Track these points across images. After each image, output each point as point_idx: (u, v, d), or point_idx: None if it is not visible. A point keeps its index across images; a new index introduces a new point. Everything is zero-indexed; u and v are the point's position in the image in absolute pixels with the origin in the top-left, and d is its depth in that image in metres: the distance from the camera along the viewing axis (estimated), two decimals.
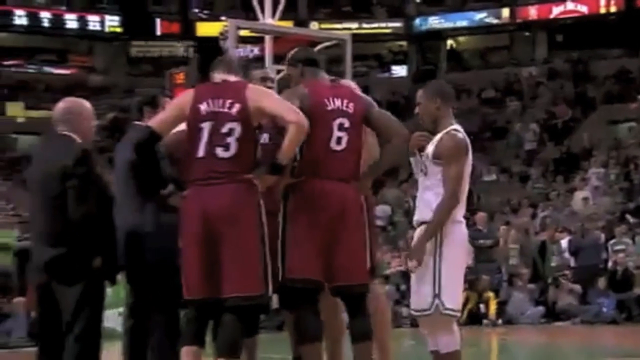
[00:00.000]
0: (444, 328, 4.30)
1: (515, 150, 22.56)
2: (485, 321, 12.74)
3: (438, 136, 4.33)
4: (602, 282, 12.98)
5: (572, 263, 13.78)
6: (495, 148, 22.88)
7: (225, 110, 3.99)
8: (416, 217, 4.40)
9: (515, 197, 18.90)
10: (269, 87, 4.50)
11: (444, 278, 4.23)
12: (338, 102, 4.24)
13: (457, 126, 4.41)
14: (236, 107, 3.99)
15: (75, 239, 4.13)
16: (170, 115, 4.11)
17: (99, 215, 4.15)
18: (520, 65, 27.11)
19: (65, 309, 4.17)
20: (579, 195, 17.26)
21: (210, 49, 17.61)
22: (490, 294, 12.95)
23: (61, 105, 4.42)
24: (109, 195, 4.29)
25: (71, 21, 27.64)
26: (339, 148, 4.19)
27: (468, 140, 4.39)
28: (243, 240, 3.93)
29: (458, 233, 4.31)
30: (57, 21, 27.43)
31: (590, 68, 25.32)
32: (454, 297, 4.29)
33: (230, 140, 3.96)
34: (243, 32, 10.25)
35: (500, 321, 12.79)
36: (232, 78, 4.13)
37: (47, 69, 27.72)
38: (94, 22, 27.81)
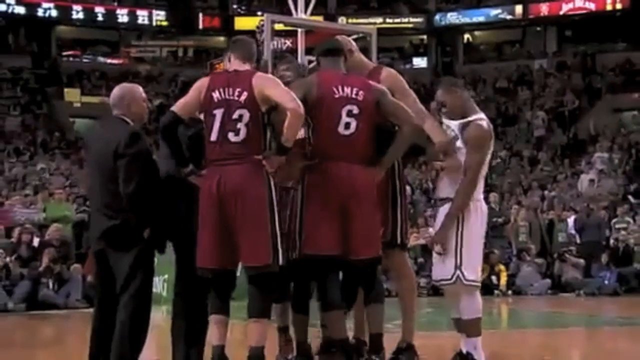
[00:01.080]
0: (467, 297, 4.31)
1: (526, 136, 22.35)
2: (496, 292, 12.68)
3: (466, 120, 4.33)
4: (604, 258, 12.89)
5: (578, 240, 13.69)
6: (507, 134, 22.68)
7: (235, 98, 4.03)
8: (439, 194, 4.43)
9: (525, 179, 18.74)
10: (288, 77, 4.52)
11: (465, 251, 4.24)
12: (347, 90, 4.21)
13: (482, 114, 4.41)
14: (244, 95, 4.03)
15: (127, 212, 4.16)
16: (190, 100, 4.13)
17: (147, 190, 4.17)
18: (531, 57, 26.81)
19: (119, 274, 4.22)
20: (584, 177, 17.11)
21: None
22: (502, 267, 12.89)
23: (116, 91, 4.45)
24: (156, 173, 4.30)
25: (122, 15, 27.76)
26: (347, 132, 4.18)
27: (492, 129, 4.41)
28: (253, 214, 3.98)
29: (478, 210, 4.32)
30: (110, 15, 27.56)
31: (597, 60, 24.97)
32: (474, 268, 4.31)
33: (240, 125, 4.01)
34: (277, 26, 10.25)
35: (510, 292, 12.73)
36: (245, 67, 4.14)
37: (101, 58, 27.90)
38: (142, 16, 27.90)
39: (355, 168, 4.18)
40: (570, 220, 14.03)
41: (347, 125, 4.18)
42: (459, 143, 4.32)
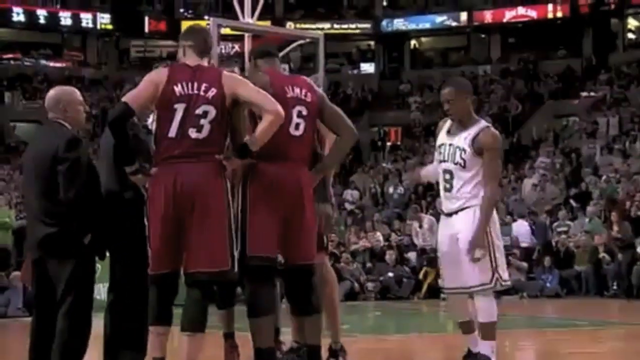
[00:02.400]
0: (487, 299, 4.40)
1: None
2: (442, 295, 12.82)
3: (473, 131, 4.38)
4: (547, 261, 13.15)
5: (526, 243, 13.95)
6: None
7: (201, 93, 3.84)
8: (454, 205, 4.41)
9: None
10: None
11: (498, 253, 4.36)
12: (297, 90, 4.15)
13: (485, 121, 4.49)
14: (212, 92, 3.85)
15: (66, 218, 4.06)
16: (144, 92, 3.89)
17: (87, 196, 4.08)
18: (476, 64, 27.25)
19: (59, 282, 4.12)
20: (527, 182, 17.43)
21: None
22: None
23: (51, 93, 4.32)
24: (97, 178, 4.21)
25: (65, 18, 27.25)
26: (297, 133, 4.10)
27: None
28: (211, 218, 3.81)
29: (495, 217, 4.48)
30: (53, 18, 27.02)
31: (539, 67, 25.53)
32: (505, 269, 4.42)
33: (204, 122, 3.83)
34: (224, 31, 10.16)
35: None
36: (205, 62, 3.98)
37: (44, 62, 27.32)
38: (86, 19, 27.44)
39: (302, 170, 4.12)
40: (516, 224, 14.28)
41: (297, 126, 4.10)
42: (469, 157, 4.35)
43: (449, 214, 4.43)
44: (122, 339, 4.28)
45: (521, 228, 14.22)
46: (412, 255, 14.02)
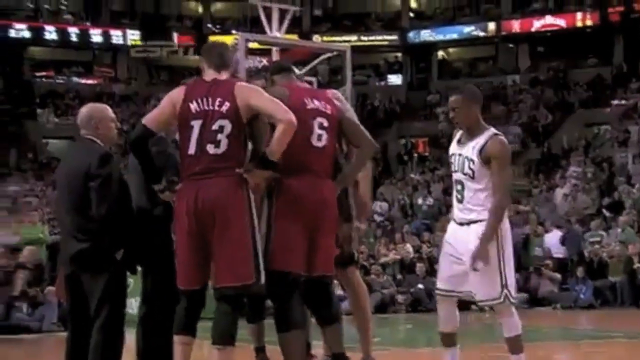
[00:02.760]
0: (510, 314, 4.29)
1: None
2: (473, 306, 12.71)
3: (481, 140, 4.27)
4: (580, 271, 12.99)
5: (559, 254, 13.78)
6: None
7: (216, 108, 3.85)
8: (466, 216, 4.29)
9: None
10: None
11: (507, 269, 4.24)
12: (317, 102, 4.15)
13: (494, 129, 4.38)
14: (226, 106, 3.85)
15: (99, 234, 4.11)
16: (162, 112, 3.95)
17: (119, 212, 4.13)
18: (504, 74, 27.09)
19: (92, 297, 4.17)
20: (559, 192, 17.26)
21: None
22: None
23: (83, 110, 4.38)
24: (128, 194, 4.26)
25: (96, 35, 27.66)
26: (319, 145, 4.10)
27: None
28: (233, 232, 3.81)
29: (508, 227, 4.35)
30: (84, 35, 27.45)
31: (569, 76, 25.31)
32: (514, 286, 4.30)
33: (221, 137, 3.82)
34: (252, 45, 10.24)
35: (486, 307, 12.74)
36: (223, 76, 3.98)
37: (75, 79, 27.74)
38: (116, 36, 27.82)
39: (325, 182, 4.11)
40: (548, 235, 14.13)
41: (319, 137, 4.09)
42: (477, 167, 4.23)
43: (461, 224, 4.34)
44: (153, 352, 4.30)
45: (553, 239, 14.07)
46: None
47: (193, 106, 3.86)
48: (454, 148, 4.40)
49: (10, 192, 18.08)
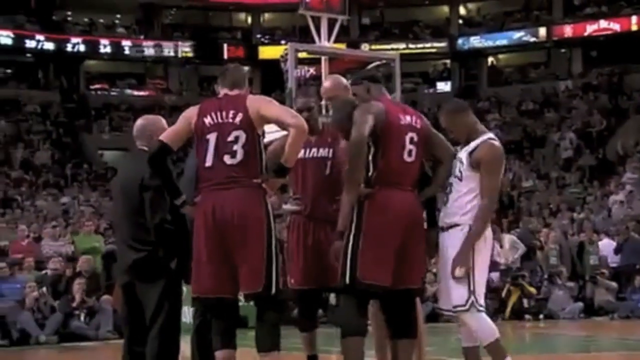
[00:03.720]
0: (478, 322, 4.15)
1: (554, 158, 22.17)
2: (527, 316, 12.52)
3: (474, 143, 4.18)
4: (638, 280, 12.67)
5: (615, 263, 13.49)
6: (534, 156, 22.53)
7: (229, 120, 3.93)
8: (447, 220, 4.22)
9: (553, 201, 18.55)
10: (309, 117, 4.36)
11: (477, 276, 4.11)
12: (409, 118, 4.20)
13: (491, 134, 4.26)
14: (239, 117, 3.92)
15: (153, 244, 4.17)
16: (178, 128, 4.05)
17: (173, 221, 4.17)
18: (557, 79, 26.67)
19: (148, 306, 4.23)
20: (614, 199, 16.88)
21: (272, 70, 17.70)
22: (532, 290, 12.75)
23: (139, 122, 4.48)
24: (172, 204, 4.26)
25: (148, 48, 28.18)
26: (409, 160, 4.15)
27: (502, 149, 4.26)
28: (251, 240, 3.85)
29: (487, 235, 4.20)
30: (137, 48, 27.99)
31: (623, 81, 24.78)
32: (482, 294, 4.16)
33: (237, 147, 3.89)
34: (301, 55, 10.31)
35: (541, 316, 12.55)
36: (234, 92, 4.06)
37: (128, 91, 28.29)
38: (168, 48, 28.30)
39: (413, 195, 4.18)
40: (602, 243, 13.85)
41: (410, 153, 4.15)
42: (466, 170, 4.14)
43: (442, 228, 4.24)
44: None
45: (608, 247, 13.77)
46: (493, 276, 13.74)
47: (207, 120, 3.96)
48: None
49: (66, 202, 18.49)
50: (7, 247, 12.66)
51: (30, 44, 26.21)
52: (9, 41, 25.69)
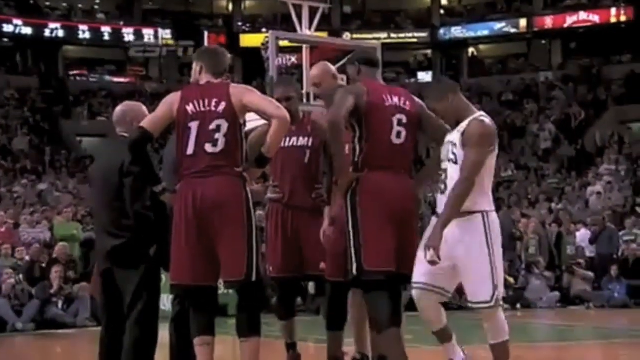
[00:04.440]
0: (499, 318, 4.01)
1: (532, 149, 22.31)
2: (505, 305, 12.61)
3: (465, 123, 3.96)
4: (614, 270, 12.81)
5: (588, 253, 13.63)
6: (513, 146, 22.66)
7: (212, 109, 3.91)
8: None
9: (532, 191, 18.68)
10: (288, 106, 4.32)
11: (497, 268, 3.90)
12: (395, 99, 4.15)
13: (482, 113, 4.04)
14: (222, 105, 3.91)
15: (133, 230, 4.15)
16: (160, 115, 4.03)
17: (153, 208, 4.16)
18: (537, 70, 26.81)
19: (127, 293, 4.21)
20: (592, 189, 17.04)
21: (253, 58, 17.62)
22: (510, 280, 12.85)
23: (119, 108, 4.45)
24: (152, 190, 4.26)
25: (129, 34, 27.91)
26: (398, 142, 4.10)
27: (495, 128, 4.01)
28: (231, 228, 3.85)
29: (496, 222, 3.97)
30: (116, 34, 27.72)
31: (602, 72, 24.97)
32: (503, 285, 3.99)
33: (218, 136, 3.88)
34: (282, 43, 10.26)
35: (519, 305, 12.66)
36: (217, 80, 4.04)
37: (108, 77, 28.03)
38: (148, 34, 28.05)
39: (407, 179, 4.13)
40: (580, 233, 13.98)
41: (399, 134, 4.10)
42: (459, 151, 3.90)
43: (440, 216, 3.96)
44: (185, 350, 4.33)
45: (586, 237, 13.90)
46: None
47: (190, 108, 3.94)
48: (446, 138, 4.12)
49: (44, 189, 18.32)
50: None
51: (7, 28, 25.85)
52: None
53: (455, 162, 3.90)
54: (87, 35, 27.23)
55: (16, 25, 25.93)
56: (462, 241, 3.88)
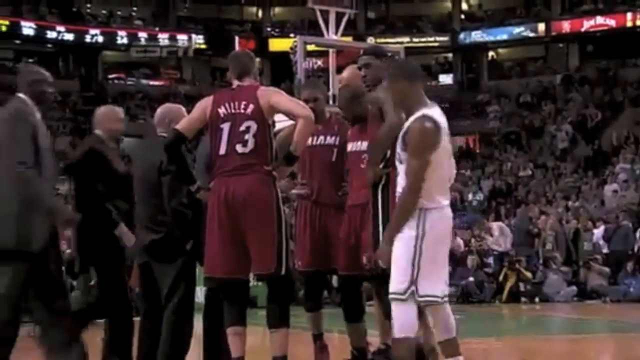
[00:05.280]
0: (404, 310, 3.53)
1: (550, 149, 22.11)
2: (523, 299, 12.53)
3: (410, 120, 3.58)
4: (630, 266, 12.66)
5: (605, 249, 13.49)
6: (532, 146, 22.46)
7: (241, 110, 3.96)
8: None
9: (550, 190, 18.50)
10: (315, 107, 4.36)
11: (422, 262, 3.49)
12: None
13: (428, 110, 3.56)
14: (251, 107, 3.96)
15: (170, 226, 4.19)
16: (193, 118, 4.09)
17: (189, 205, 4.19)
18: (554, 73, 26.54)
19: (163, 285, 4.25)
20: (608, 188, 16.84)
21: (281, 62, 17.66)
22: (528, 274, 12.77)
23: (159, 110, 4.53)
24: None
25: (163, 39, 28.12)
26: None
27: (440, 124, 3.54)
28: (261, 224, 3.88)
29: (441, 220, 3.56)
30: (152, 40, 27.94)
31: (618, 75, 24.65)
32: (428, 284, 3.51)
33: (248, 136, 3.93)
34: (310, 47, 10.29)
35: (537, 299, 12.56)
36: (246, 82, 4.08)
37: (144, 81, 28.26)
38: (182, 40, 28.23)
39: None
40: (598, 230, 13.84)
41: None
42: (402, 153, 3.57)
43: None
44: (218, 339, 4.36)
45: (602, 234, 13.74)
46: (490, 260, 13.77)
47: (222, 110, 3.99)
48: None
49: None
50: None
51: (51, 34, 26.20)
52: (31, 32, 25.72)
53: (401, 162, 3.60)
54: (125, 40, 27.49)
55: (59, 32, 26.27)
56: (397, 237, 3.58)
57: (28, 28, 25.61)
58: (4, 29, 25.28)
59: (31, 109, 3.93)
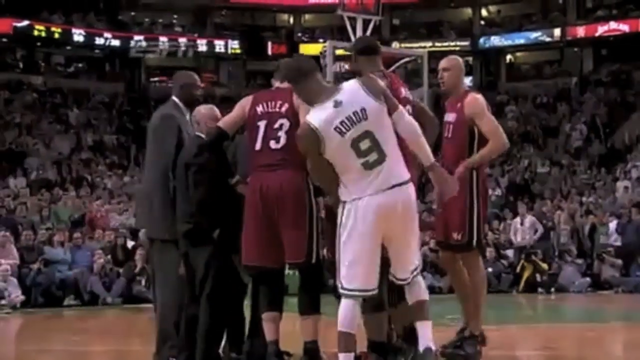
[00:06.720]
0: (343, 304, 3.43)
1: (565, 147, 21.82)
2: (539, 289, 12.39)
3: None
4: None
5: (619, 242, 13.29)
6: (548, 145, 22.20)
7: (277, 109, 3.98)
8: None
9: (565, 186, 18.26)
10: None
11: (341, 257, 3.42)
12: (404, 90, 4.16)
13: (319, 106, 3.38)
14: (285, 106, 3.98)
15: (197, 216, 4.19)
16: (234, 116, 4.12)
17: (214, 196, 4.16)
18: (569, 75, 26.18)
19: (197, 272, 4.25)
20: (620, 184, 16.59)
21: None
22: (544, 266, 12.63)
23: (195, 111, 4.53)
24: (225, 181, 4.23)
25: (202, 45, 28.28)
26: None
27: (319, 122, 3.32)
28: (293, 216, 3.87)
29: (358, 211, 3.36)
30: (192, 45, 28.11)
31: (630, 77, 24.24)
32: (345, 278, 3.41)
33: (281, 133, 3.94)
34: (338, 51, 10.25)
35: (552, 289, 12.41)
36: (285, 85, 4.05)
37: None
38: (219, 45, 28.37)
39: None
40: (611, 224, 13.65)
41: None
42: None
43: None
44: (254, 324, 4.36)
45: (615, 227, 13.54)
46: (509, 252, 13.64)
47: (259, 109, 4.03)
48: None
49: (130, 182, 18.72)
50: (81, 218, 12.89)
51: (99, 41, 26.50)
52: (81, 38, 26.06)
53: None
54: (166, 45, 27.70)
55: (106, 38, 26.56)
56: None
57: (78, 35, 25.95)
58: (57, 36, 25.65)
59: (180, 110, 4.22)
